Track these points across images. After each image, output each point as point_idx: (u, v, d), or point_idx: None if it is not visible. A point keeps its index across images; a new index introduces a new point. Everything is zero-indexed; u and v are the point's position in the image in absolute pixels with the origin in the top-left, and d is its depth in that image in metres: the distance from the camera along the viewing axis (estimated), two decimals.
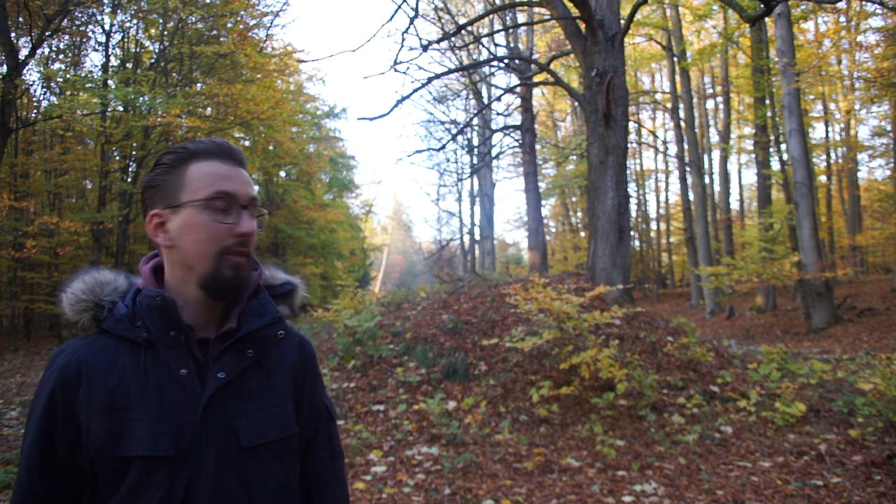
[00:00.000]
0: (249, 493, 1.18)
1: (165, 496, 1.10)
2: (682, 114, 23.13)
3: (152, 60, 17.47)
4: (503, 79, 26.96)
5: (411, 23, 10.56)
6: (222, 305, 1.26)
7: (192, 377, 1.17)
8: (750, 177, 49.13)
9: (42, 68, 15.30)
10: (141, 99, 14.01)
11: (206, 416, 1.16)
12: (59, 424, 1.13)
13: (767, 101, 18.19)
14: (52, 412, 1.13)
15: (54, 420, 1.13)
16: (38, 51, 13.68)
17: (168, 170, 1.23)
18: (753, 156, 22.58)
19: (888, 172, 26.89)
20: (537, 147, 22.70)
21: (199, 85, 17.73)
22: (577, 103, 16.89)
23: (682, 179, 23.64)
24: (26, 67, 12.23)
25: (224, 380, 1.19)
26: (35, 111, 17.48)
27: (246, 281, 1.24)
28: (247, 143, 21.37)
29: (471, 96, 23.27)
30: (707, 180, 26.01)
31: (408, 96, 11.27)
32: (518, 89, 17.48)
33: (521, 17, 20.63)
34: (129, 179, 17.40)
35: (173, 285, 1.23)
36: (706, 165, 26.66)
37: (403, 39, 10.89)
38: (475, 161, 24.94)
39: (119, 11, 16.32)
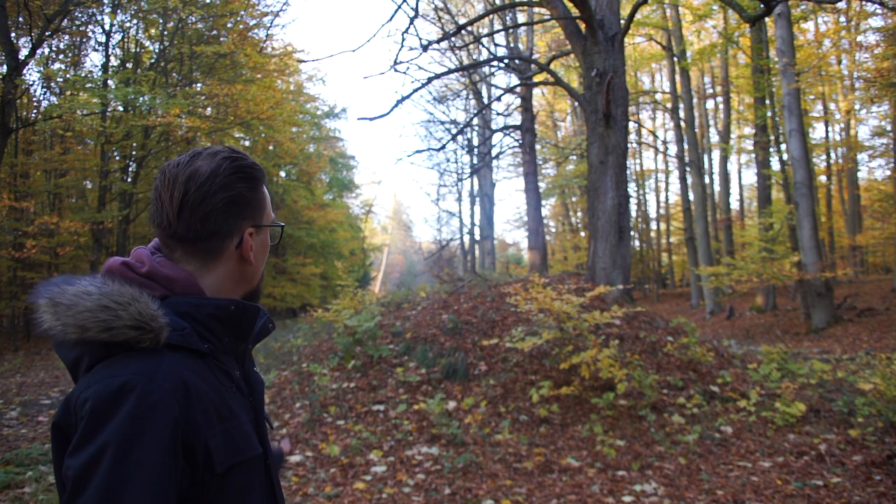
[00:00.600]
0: (277, 470, 1.33)
1: (262, 490, 1.20)
2: (682, 114, 23.14)
3: (152, 60, 17.48)
4: (503, 79, 27.00)
5: (411, 23, 10.56)
6: None
7: (242, 377, 1.26)
8: (750, 177, 49.16)
9: (42, 68, 15.30)
10: (141, 99, 14.02)
11: (260, 410, 1.28)
12: (179, 457, 1.02)
13: (767, 101, 18.20)
14: (175, 447, 1.00)
15: (177, 455, 1.01)
16: (38, 51, 13.69)
17: (254, 186, 1.25)
18: (753, 156, 22.59)
19: (888, 172, 26.90)
20: (537, 147, 22.70)
21: (198, 85, 17.73)
22: (577, 103, 16.88)
23: (682, 179, 23.64)
24: (26, 67, 12.23)
25: (258, 374, 1.33)
26: (35, 111, 17.47)
27: None
28: (247, 143, 21.38)
29: (471, 96, 23.28)
30: (707, 180, 26.02)
31: (408, 96, 11.27)
32: (518, 89, 17.48)
33: (521, 17, 20.63)
34: (129, 179, 17.40)
35: (213, 293, 1.21)
36: (706, 165, 26.66)
37: (403, 39, 10.90)
38: (475, 161, 24.95)
39: (119, 11, 16.32)
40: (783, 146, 18.09)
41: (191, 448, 1.03)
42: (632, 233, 27.82)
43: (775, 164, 20.09)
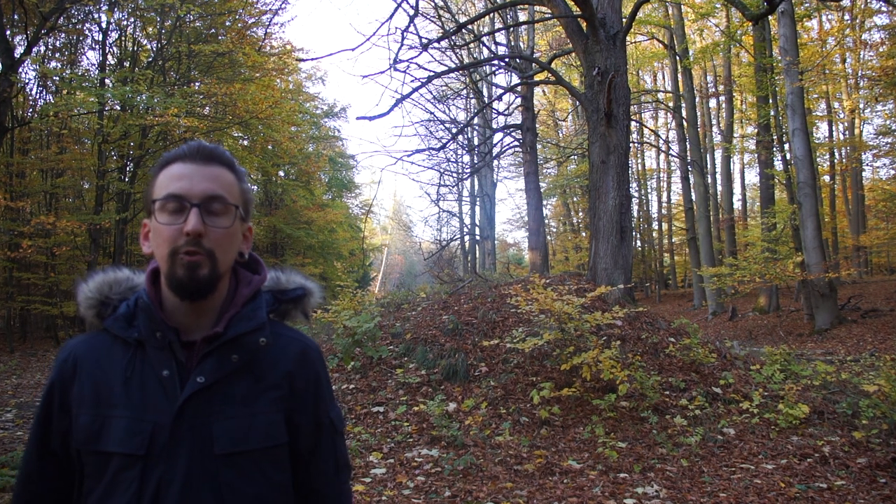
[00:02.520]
0: (222, 501, 1.17)
1: (135, 494, 1.13)
2: (684, 113, 23.08)
3: (150, 59, 17.43)
4: (504, 78, 26.89)
5: (411, 21, 10.49)
6: (211, 309, 1.26)
7: (173, 379, 1.18)
8: (753, 176, 48.80)
9: (38, 66, 15.21)
10: (138, 98, 13.95)
11: (181, 419, 1.17)
12: (56, 415, 1.21)
13: (770, 100, 18.13)
14: (50, 403, 1.23)
15: (51, 411, 1.22)
16: (35, 49, 13.65)
17: (151, 181, 1.28)
18: (756, 155, 22.52)
19: (892, 172, 26.90)
20: (538, 146, 22.63)
21: (197, 84, 17.68)
22: (578, 102, 16.83)
23: (685, 179, 23.57)
24: (22, 65, 12.19)
25: (203, 384, 1.18)
26: (31, 110, 17.42)
27: (204, 280, 1.19)
28: (245, 143, 21.35)
29: (471, 95, 23.19)
30: (709, 180, 25.98)
31: (408, 95, 11.22)
32: (519, 88, 17.42)
33: (522, 16, 20.57)
34: (127, 179, 17.34)
35: (163, 287, 1.25)
36: (708, 165, 26.61)
37: (403, 38, 10.84)
38: (476, 161, 24.87)
39: (116, 9, 16.26)
40: (786, 145, 18.01)
41: (71, 416, 1.20)
42: (633, 233, 27.77)
43: (778, 164, 20.00)
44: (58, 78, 15.31)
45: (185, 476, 1.14)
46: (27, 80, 16.25)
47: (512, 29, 19.26)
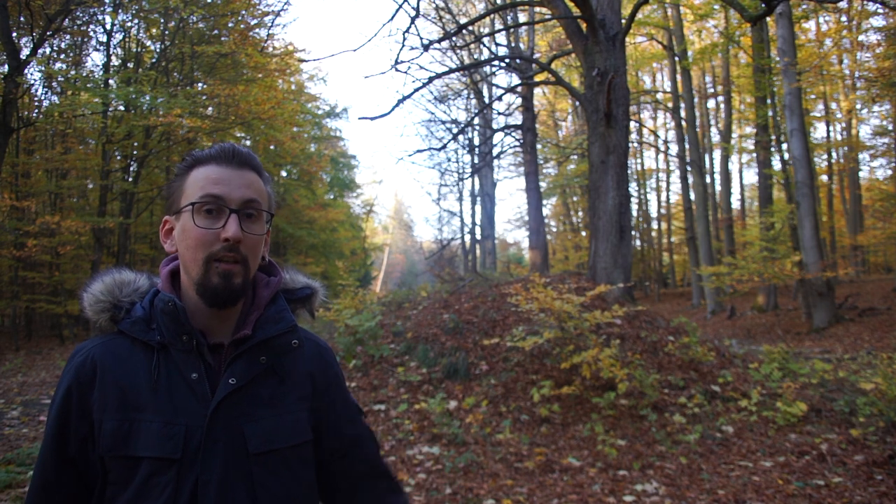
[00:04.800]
0: (255, 500, 1.17)
1: (171, 497, 1.11)
2: (683, 113, 23.11)
3: (153, 60, 17.49)
4: (504, 78, 26.98)
5: (412, 22, 10.54)
6: (235, 311, 1.26)
7: (203, 382, 1.18)
8: (751, 176, 49.08)
9: (43, 67, 15.27)
10: (142, 99, 14.01)
11: (215, 420, 1.17)
12: (74, 421, 1.16)
13: (769, 101, 18.16)
14: (67, 409, 1.16)
15: (69, 417, 1.16)
16: (40, 50, 13.67)
17: (177, 177, 1.26)
18: (755, 155, 22.56)
19: (889, 172, 26.94)
20: (538, 146, 22.71)
21: (200, 85, 17.72)
22: (578, 103, 16.88)
23: (683, 179, 23.61)
24: (28, 67, 12.23)
25: (235, 386, 1.19)
26: (36, 111, 17.47)
27: (238, 289, 1.20)
28: (248, 143, 21.37)
29: (472, 96, 23.27)
30: (708, 180, 25.97)
31: (409, 96, 11.25)
32: (519, 89, 17.49)
33: (522, 17, 20.61)
34: (130, 179, 17.40)
35: (185, 290, 1.24)
36: (707, 165, 26.60)
37: (404, 39, 10.88)
38: (476, 160, 24.94)
39: (120, 11, 16.32)
40: (784, 146, 18.05)
41: (92, 422, 1.16)
42: (633, 232, 27.82)
43: (776, 164, 20.06)
44: (63, 79, 15.33)
45: (221, 476, 1.15)
46: (33, 81, 16.26)
47: (512, 30, 19.34)
